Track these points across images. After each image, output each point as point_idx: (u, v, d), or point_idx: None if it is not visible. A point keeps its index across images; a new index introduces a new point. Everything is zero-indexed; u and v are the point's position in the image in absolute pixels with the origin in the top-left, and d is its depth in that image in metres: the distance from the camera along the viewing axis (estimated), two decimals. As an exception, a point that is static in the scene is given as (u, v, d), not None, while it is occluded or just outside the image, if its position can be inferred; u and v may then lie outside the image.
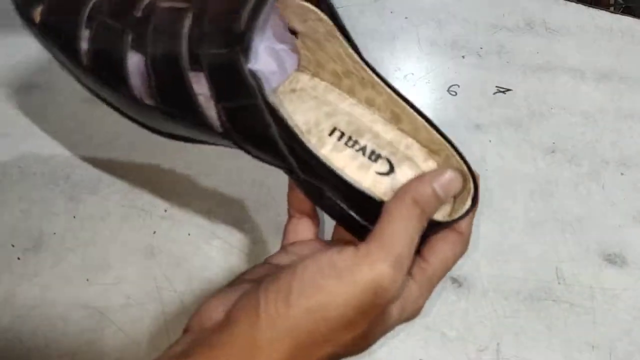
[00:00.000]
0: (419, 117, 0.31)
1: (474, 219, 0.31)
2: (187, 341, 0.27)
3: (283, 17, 0.32)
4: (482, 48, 0.56)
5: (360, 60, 0.31)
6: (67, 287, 0.41)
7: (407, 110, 0.31)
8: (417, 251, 0.30)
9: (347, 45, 0.31)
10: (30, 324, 0.40)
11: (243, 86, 0.28)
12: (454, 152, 0.30)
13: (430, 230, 0.29)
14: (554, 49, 0.57)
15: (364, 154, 0.32)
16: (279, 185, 0.46)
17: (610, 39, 0.58)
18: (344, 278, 0.25)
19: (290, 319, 0.25)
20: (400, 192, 0.28)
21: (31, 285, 0.41)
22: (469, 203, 0.29)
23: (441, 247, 0.30)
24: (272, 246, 0.44)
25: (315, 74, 0.35)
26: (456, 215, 0.29)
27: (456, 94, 0.53)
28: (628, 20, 0.60)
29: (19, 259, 0.42)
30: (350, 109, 0.34)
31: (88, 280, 0.42)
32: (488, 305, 0.43)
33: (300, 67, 0.35)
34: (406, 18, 0.58)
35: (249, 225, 0.45)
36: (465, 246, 0.31)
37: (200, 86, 0.29)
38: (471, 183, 0.30)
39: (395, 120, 0.33)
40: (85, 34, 0.32)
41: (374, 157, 0.32)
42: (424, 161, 0.32)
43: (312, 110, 0.33)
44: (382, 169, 0.31)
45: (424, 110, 0.32)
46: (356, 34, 0.31)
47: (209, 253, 0.43)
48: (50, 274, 0.42)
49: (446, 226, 0.30)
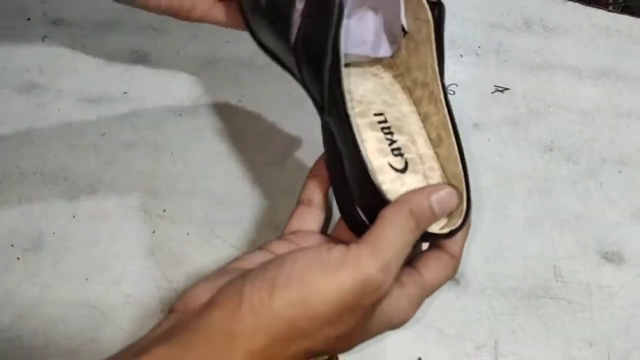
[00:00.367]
0: (457, 150, 0.32)
1: (464, 243, 0.32)
2: (170, 323, 0.27)
3: (400, 8, 0.35)
4: (480, 47, 0.56)
5: (439, 73, 0.32)
6: (67, 286, 0.42)
7: (451, 139, 0.32)
8: (412, 264, 0.31)
9: (435, 54, 0.32)
10: (30, 323, 0.40)
11: (327, 5, 0.29)
12: (464, 188, 0.31)
13: (421, 239, 0.29)
14: (551, 48, 0.57)
15: (390, 144, 0.33)
16: (277, 186, 0.46)
17: (608, 37, 0.58)
18: (330, 275, 0.25)
19: (272, 310, 0.25)
20: (399, 200, 0.28)
21: (31, 285, 0.41)
22: (459, 222, 0.30)
23: (435, 265, 0.31)
24: (271, 245, 0.44)
25: (399, 76, 0.36)
26: (447, 230, 0.30)
27: (454, 92, 0.53)
28: (626, 19, 0.60)
29: (18, 258, 0.42)
30: (407, 113, 0.35)
31: (88, 279, 0.42)
32: (486, 302, 0.43)
33: (392, 63, 0.37)
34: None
35: (247, 224, 0.45)
36: (455, 271, 0.32)
37: (300, 2, 0.32)
38: (464, 204, 0.30)
39: (436, 142, 0.34)
40: None
41: (397, 152, 0.33)
42: None
43: (375, 92, 0.35)
44: (396, 164, 0.32)
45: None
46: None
47: (208, 252, 0.44)
48: (50, 273, 0.42)
49: (436, 239, 0.30)
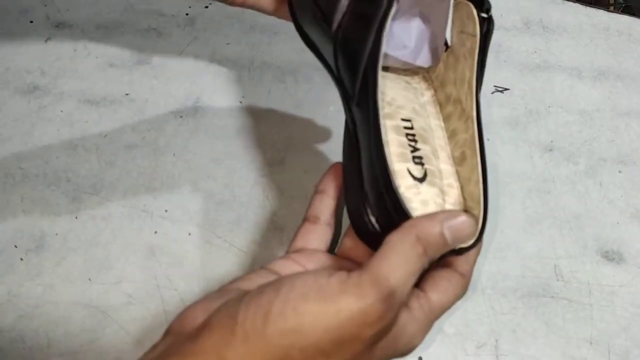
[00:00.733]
0: (480, 171, 0.31)
1: (475, 262, 0.31)
2: (164, 345, 0.26)
3: (447, 20, 0.35)
4: (479, 48, 0.56)
5: (475, 90, 0.32)
6: (69, 286, 0.42)
7: (475, 159, 0.31)
8: (419, 285, 0.29)
9: (475, 69, 0.32)
10: (33, 323, 0.40)
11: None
12: (481, 214, 0.30)
13: None
14: (551, 48, 0.57)
15: (412, 151, 0.32)
16: (277, 186, 0.46)
17: (607, 37, 0.58)
18: (328, 304, 0.24)
19: (265, 338, 0.24)
20: (406, 225, 0.27)
21: (34, 285, 0.42)
22: (472, 241, 0.29)
23: (445, 286, 0.29)
24: (270, 245, 0.44)
25: (432, 89, 0.36)
26: (458, 246, 0.29)
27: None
28: (625, 19, 0.60)
29: (21, 259, 0.43)
30: (434, 127, 0.35)
31: (90, 279, 0.42)
32: (486, 302, 0.43)
33: (427, 76, 0.37)
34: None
35: (247, 225, 0.45)
36: (465, 289, 0.30)
37: None
38: (479, 224, 0.29)
39: (459, 160, 0.33)
40: None
41: (418, 161, 0.32)
42: (451, 204, 0.32)
43: (406, 99, 0.35)
44: (415, 172, 0.31)
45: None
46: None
47: (209, 252, 0.44)
48: (52, 273, 0.42)
49: (446, 255, 0.29)
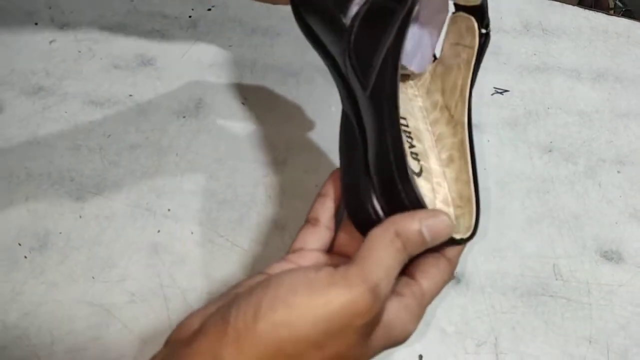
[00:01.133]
0: (471, 171, 0.32)
1: (462, 251, 0.32)
2: (162, 355, 0.27)
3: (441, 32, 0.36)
4: (479, 50, 0.57)
5: (468, 98, 0.33)
6: (72, 284, 0.42)
7: (462, 161, 0.32)
8: (408, 272, 0.30)
9: (469, 79, 0.33)
10: (37, 321, 0.41)
11: None
12: (473, 211, 0.31)
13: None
14: (550, 50, 0.58)
15: (410, 147, 0.33)
16: (279, 186, 0.47)
17: (606, 40, 0.59)
18: (317, 297, 0.24)
19: (256, 334, 0.24)
20: (387, 222, 0.27)
21: (38, 283, 0.42)
22: (466, 236, 0.30)
23: (434, 272, 0.30)
24: (271, 244, 0.45)
25: (418, 97, 0.37)
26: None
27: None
28: (623, 22, 0.61)
29: (25, 257, 0.43)
30: (422, 130, 0.35)
31: (93, 278, 0.43)
32: (486, 300, 0.43)
33: (413, 84, 0.38)
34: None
35: (250, 224, 0.45)
36: (452, 275, 0.31)
37: None
38: (472, 221, 0.30)
39: (446, 162, 0.34)
40: None
41: (415, 156, 0.33)
42: (440, 201, 0.32)
43: (401, 100, 0.35)
44: (413, 167, 0.32)
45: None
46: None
47: (211, 251, 0.44)
48: (56, 272, 0.43)
49: (445, 245, 0.29)
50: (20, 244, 0.44)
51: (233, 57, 0.55)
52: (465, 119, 0.33)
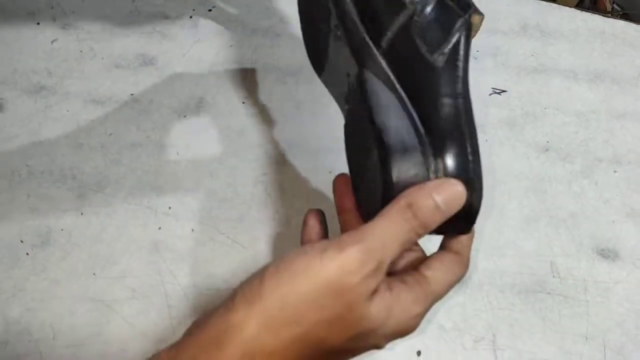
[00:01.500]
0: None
1: (471, 242, 0.32)
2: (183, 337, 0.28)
3: None
4: (478, 51, 0.57)
5: None
6: (74, 281, 0.43)
7: None
8: (415, 268, 0.30)
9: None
10: (38, 316, 0.41)
11: None
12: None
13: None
14: (547, 52, 0.58)
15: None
16: (278, 184, 0.47)
17: (603, 41, 0.59)
18: (313, 260, 0.26)
19: (262, 293, 0.26)
20: (399, 196, 0.28)
21: (39, 280, 0.42)
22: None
23: (437, 265, 0.30)
24: (271, 242, 0.45)
25: None
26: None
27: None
28: (620, 24, 0.61)
29: (27, 254, 0.43)
30: None
31: (95, 274, 0.43)
32: (484, 298, 0.44)
33: None
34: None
35: (250, 222, 0.46)
36: (465, 268, 0.31)
37: None
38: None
39: None
40: None
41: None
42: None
43: None
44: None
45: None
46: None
47: (212, 248, 0.45)
48: (58, 268, 0.43)
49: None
50: (22, 241, 0.44)
51: (233, 57, 0.55)
52: None
